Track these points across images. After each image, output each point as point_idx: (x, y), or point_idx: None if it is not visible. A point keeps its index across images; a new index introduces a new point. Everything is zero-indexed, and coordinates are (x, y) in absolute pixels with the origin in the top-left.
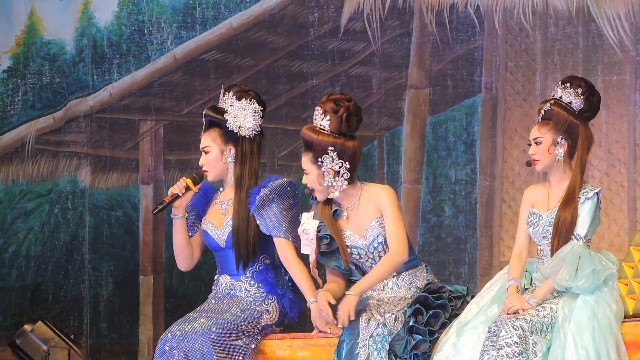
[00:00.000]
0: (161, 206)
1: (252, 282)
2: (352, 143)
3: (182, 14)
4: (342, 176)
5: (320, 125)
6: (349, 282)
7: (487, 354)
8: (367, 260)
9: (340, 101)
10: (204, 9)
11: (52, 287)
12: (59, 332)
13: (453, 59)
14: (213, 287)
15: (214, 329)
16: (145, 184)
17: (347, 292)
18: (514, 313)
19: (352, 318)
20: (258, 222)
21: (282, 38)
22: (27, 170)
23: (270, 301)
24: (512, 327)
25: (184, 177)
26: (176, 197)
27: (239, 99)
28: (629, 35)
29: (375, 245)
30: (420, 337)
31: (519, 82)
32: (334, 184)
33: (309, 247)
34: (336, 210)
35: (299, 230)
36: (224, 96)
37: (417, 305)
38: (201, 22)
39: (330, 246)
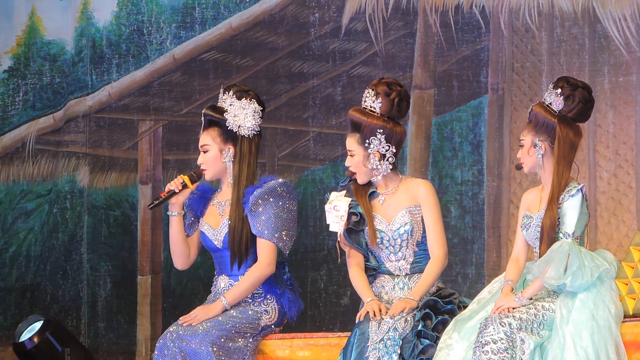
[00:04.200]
0: (157, 201)
1: None
2: (400, 129)
3: (181, 14)
4: (387, 160)
5: (371, 107)
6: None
7: (478, 350)
8: (387, 247)
9: (393, 85)
10: (203, 9)
11: (51, 287)
12: (69, 332)
13: (458, 60)
14: (212, 289)
15: (214, 331)
16: (144, 184)
17: (410, 296)
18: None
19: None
20: (250, 222)
21: (282, 38)
22: (27, 170)
23: (269, 301)
24: (500, 324)
25: (181, 175)
26: (172, 193)
27: (239, 98)
28: (634, 36)
29: (401, 232)
30: (427, 341)
31: (526, 83)
32: (379, 167)
33: (337, 224)
34: (373, 192)
35: (327, 206)
36: (223, 95)
37: (427, 310)
38: (200, 22)
39: (358, 225)
